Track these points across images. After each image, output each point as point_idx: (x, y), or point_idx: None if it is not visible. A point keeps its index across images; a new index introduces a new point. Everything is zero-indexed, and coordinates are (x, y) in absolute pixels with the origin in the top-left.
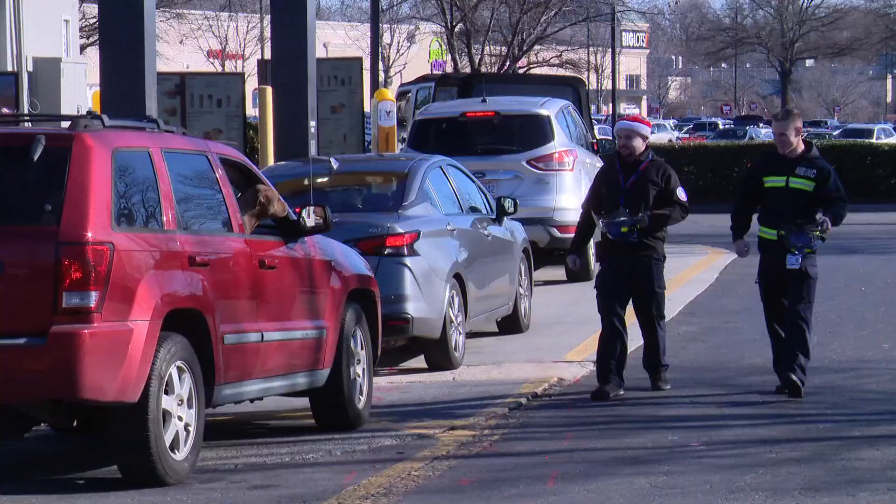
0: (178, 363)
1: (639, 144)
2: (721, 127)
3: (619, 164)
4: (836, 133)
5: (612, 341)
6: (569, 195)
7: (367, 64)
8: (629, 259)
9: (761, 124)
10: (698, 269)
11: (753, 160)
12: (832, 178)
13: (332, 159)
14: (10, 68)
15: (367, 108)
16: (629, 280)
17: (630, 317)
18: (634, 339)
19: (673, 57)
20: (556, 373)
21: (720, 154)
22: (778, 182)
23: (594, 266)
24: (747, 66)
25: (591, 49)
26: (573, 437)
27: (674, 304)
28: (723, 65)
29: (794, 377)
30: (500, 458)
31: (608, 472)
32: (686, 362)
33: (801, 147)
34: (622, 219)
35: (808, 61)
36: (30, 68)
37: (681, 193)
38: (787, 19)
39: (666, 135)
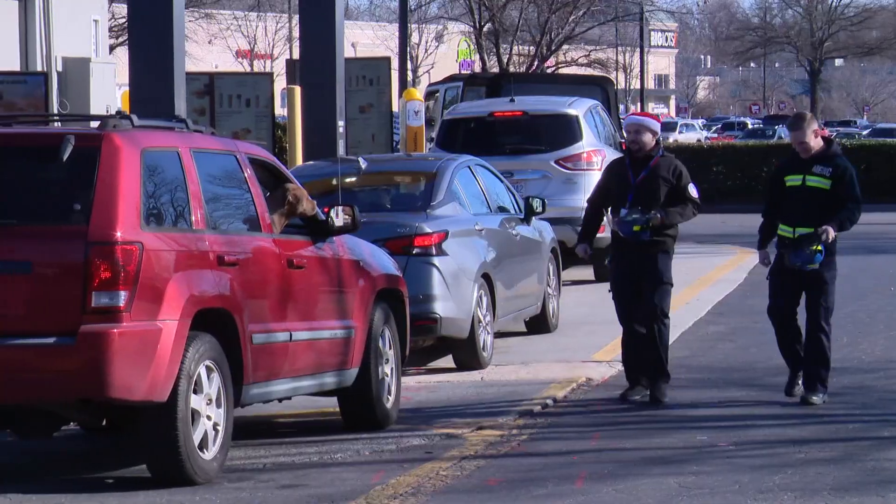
0: (207, 363)
1: (648, 140)
2: (750, 126)
3: (629, 160)
4: (865, 132)
5: (631, 344)
6: None
7: (395, 64)
8: (638, 256)
9: None
10: (727, 269)
11: (780, 160)
12: (847, 177)
13: (360, 159)
14: (39, 68)
15: (395, 108)
16: (638, 277)
17: None
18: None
19: (702, 56)
20: (584, 373)
21: (749, 154)
22: (796, 181)
23: None
24: (776, 65)
25: (619, 49)
26: (601, 437)
27: (702, 304)
28: (752, 64)
29: (813, 399)
30: (529, 458)
31: (637, 472)
32: (715, 362)
33: (821, 145)
34: (635, 216)
35: (837, 61)
36: (59, 68)
37: (692, 190)
38: (816, 19)
39: (694, 134)
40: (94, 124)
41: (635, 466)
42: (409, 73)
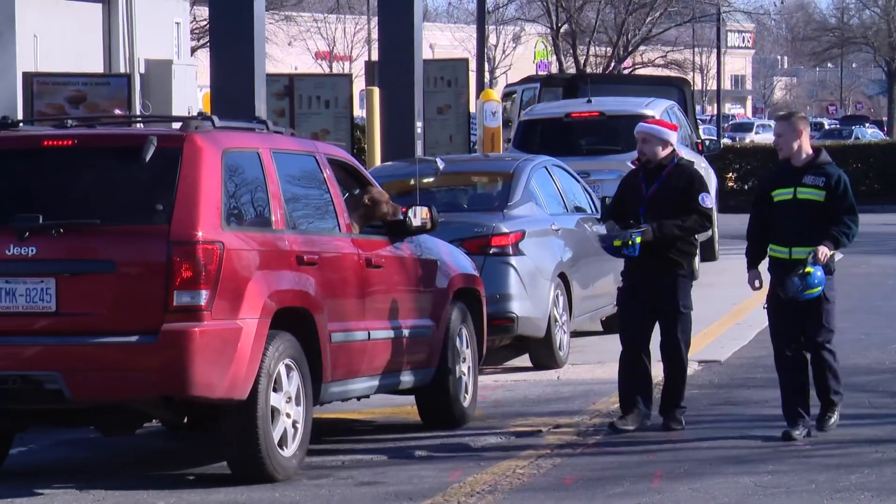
0: (287, 361)
1: (657, 150)
2: (827, 127)
3: (643, 171)
4: None
5: (629, 368)
6: None
7: (472, 65)
8: (649, 276)
9: (867, 124)
10: None
11: (763, 174)
12: (842, 187)
13: (437, 159)
14: (122, 70)
15: (472, 109)
16: (650, 299)
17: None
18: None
19: (778, 57)
20: (660, 372)
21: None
22: (786, 194)
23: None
24: (853, 66)
25: (696, 49)
26: (677, 435)
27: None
28: (829, 65)
29: (826, 427)
30: (604, 456)
31: (712, 470)
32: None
33: (809, 154)
34: (613, 233)
35: None
36: (142, 70)
37: (704, 200)
38: (893, 19)
39: (771, 135)
40: (176, 125)
41: (711, 465)
42: (487, 75)
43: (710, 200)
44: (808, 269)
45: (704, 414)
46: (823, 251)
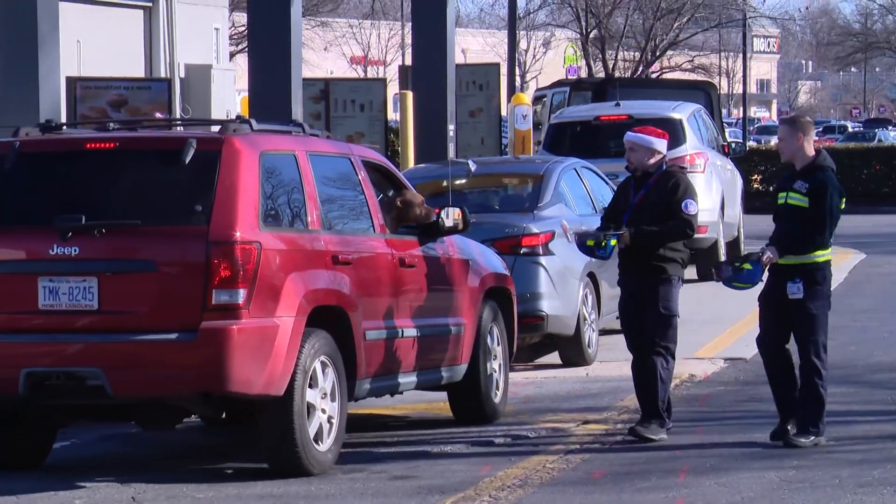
0: (322, 358)
1: (644, 157)
2: (850, 130)
3: (633, 178)
4: None
5: (641, 375)
6: (700, 197)
7: (504, 69)
8: (635, 280)
9: (890, 127)
10: None
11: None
12: (821, 192)
13: (469, 162)
14: (163, 75)
15: (503, 112)
16: (640, 304)
17: None
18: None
19: (803, 61)
20: (687, 369)
21: (850, 156)
22: (782, 198)
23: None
24: (877, 70)
25: (722, 54)
26: (704, 431)
27: None
28: (852, 69)
29: (801, 441)
30: (632, 451)
31: (738, 465)
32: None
33: (810, 158)
34: (588, 231)
35: None
36: (182, 75)
37: (687, 207)
38: None
39: None
40: (215, 128)
41: (737, 460)
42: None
43: (693, 207)
44: (746, 265)
45: (730, 410)
46: (767, 256)
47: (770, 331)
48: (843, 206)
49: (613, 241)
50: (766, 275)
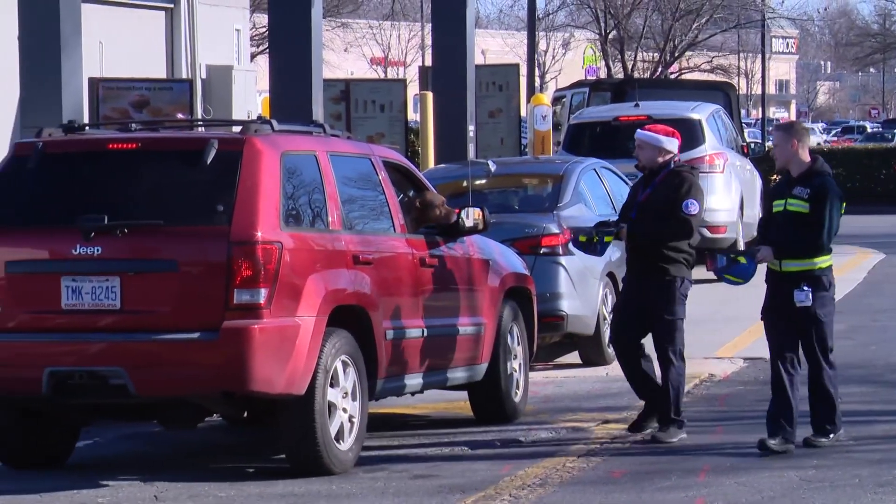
0: (343, 357)
1: (652, 156)
2: (869, 130)
3: (644, 176)
4: None
5: (630, 375)
6: (719, 197)
7: (523, 70)
8: (638, 281)
9: None
10: (846, 269)
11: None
12: (822, 197)
13: (489, 162)
14: (185, 76)
15: (523, 113)
16: (640, 306)
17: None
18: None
19: (822, 62)
20: (707, 369)
21: (868, 156)
22: (779, 206)
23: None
24: (895, 70)
25: (741, 55)
26: (724, 430)
27: None
28: (871, 69)
29: (821, 440)
30: (652, 451)
31: (759, 465)
32: (834, 360)
33: (806, 163)
34: (581, 227)
35: None
36: (203, 76)
37: (688, 207)
38: None
39: (815, 138)
40: (237, 129)
41: (757, 460)
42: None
43: (694, 207)
44: (741, 258)
45: (750, 410)
46: (761, 255)
47: (785, 344)
48: (843, 211)
49: (608, 238)
50: (765, 285)
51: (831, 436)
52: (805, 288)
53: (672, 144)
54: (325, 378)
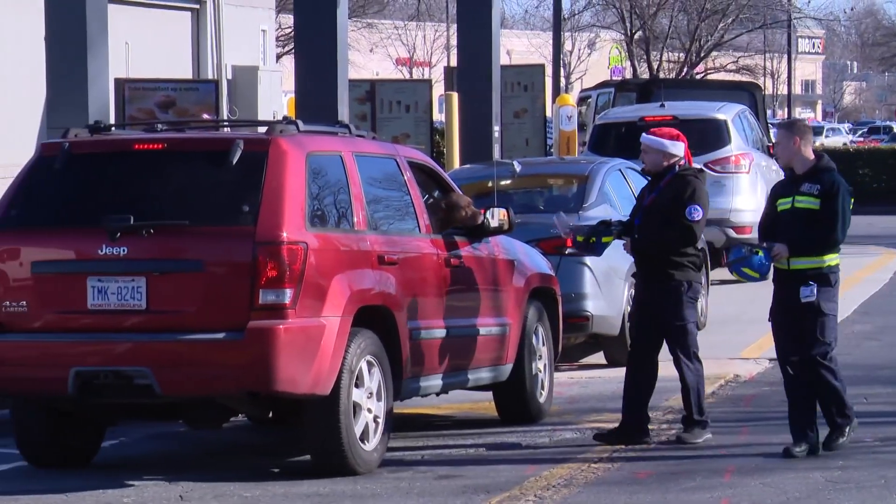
0: (368, 357)
1: (657, 160)
2: (895, 130)
3: (651, 180)
4: None
5: (632, 376)
6: (745, 197)
7: (549, 70)
8: (646, 287)
9: None
10: (872, 270)
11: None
12: (834, 193)
13: (514, 162)
14: (210, 76)
15: (548, 113)
16: (652, 313)
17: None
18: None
19: (848, 62)
20: (733, 369)
21: (894, 156)
22: (786, 204)
23: None
24: None
25: (767, 55)
26: (749, 431)
27: (848, 303)
28: None
29: (841, 441)
30: (677, 451)
31: (784, 466)
32: (860, 360)
33: (811, 161)
34: (581, 227)
35: None
36: (229, 76)
37: (691, 213)
38: None
39: (841, 138)
40: (262, 129)
41: (782, 461)
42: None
43: (698, 214)
44: (759, 251)
45: (775, 411)
46: (777, 250)
47: (786, 338)
48: (852, 206)
49: (606, 239)
50: (773, 285)
51: (847, 429)
52: (811, 284)
53: (676, 148)
54: (349, 378)
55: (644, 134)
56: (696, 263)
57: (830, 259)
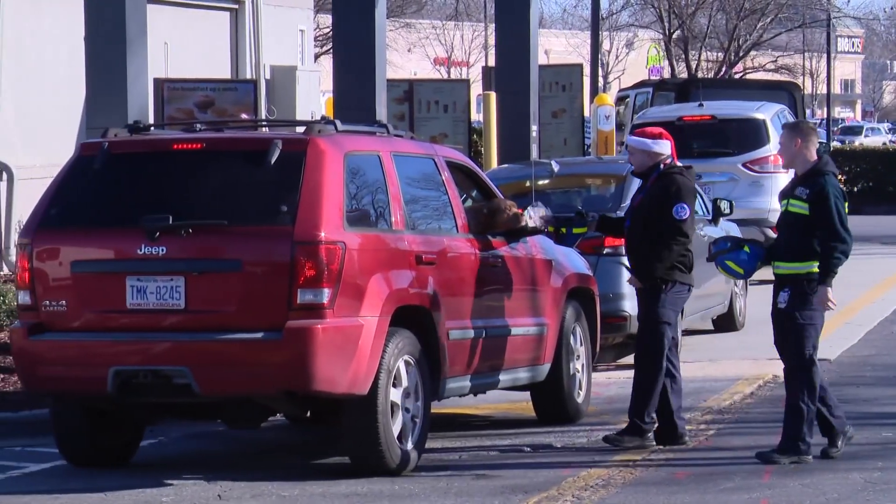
0: (406, 357)
1: (643, 160)
2: None
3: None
4: None
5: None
6: None
7: (587, 70)
8: (640, 287)
9: None
10: None
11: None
12: (823, 200)
13: (553, 162)
14: (249, 76)
15: (586, 113)
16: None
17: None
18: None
19: (888, 61)
20: (771, 370)
21: None
22: (783, 206)
23: None
24: None
25: (806, 54)
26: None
27: (887, 303)
28: None
29: (777, 458)
30: (716, 452)
31: (822, 467)
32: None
33: (812, 163)
34: (558, 217)
35: None
36: (267, 76)
37: (678, 212)
38: None
39: (880, 138)
40: (300, 129)
41: (821, 462)
42: (601, 79)
43: (684, 212)
44: (746, 247)
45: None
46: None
47: (776, 342)
48: (846, 209)
49: (578, 230)
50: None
51: (782, 459)
52: (786, 290)
53: (660, 146)
54: (387, 378)
55: (629, 136)
56: (686, 264)
57: (811, 265)
